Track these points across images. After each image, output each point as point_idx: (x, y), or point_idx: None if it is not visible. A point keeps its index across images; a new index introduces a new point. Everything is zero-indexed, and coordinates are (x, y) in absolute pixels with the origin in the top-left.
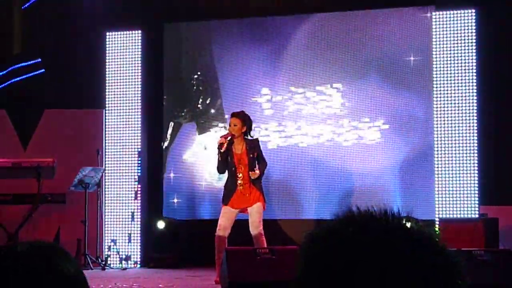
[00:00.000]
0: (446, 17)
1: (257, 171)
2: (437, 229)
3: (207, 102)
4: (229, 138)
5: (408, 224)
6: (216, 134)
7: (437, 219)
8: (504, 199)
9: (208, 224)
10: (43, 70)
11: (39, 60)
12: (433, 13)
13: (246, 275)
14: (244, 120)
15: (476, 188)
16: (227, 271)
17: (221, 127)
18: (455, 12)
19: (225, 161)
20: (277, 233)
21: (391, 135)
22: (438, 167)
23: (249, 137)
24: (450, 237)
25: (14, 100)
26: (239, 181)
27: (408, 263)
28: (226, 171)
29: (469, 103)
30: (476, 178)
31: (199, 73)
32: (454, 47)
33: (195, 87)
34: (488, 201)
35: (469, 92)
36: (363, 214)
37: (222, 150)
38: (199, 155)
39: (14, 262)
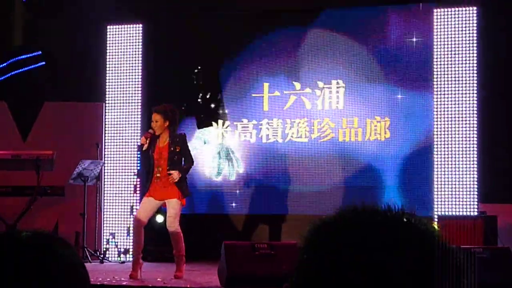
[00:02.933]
0: (448, 14)
1: (176, 175)
2: (436, 226)
3: (207, 96)
4: (150, 137)
5: (414, 221)
6: (215, 128)
7: (435, 216)
8: (503, 197)
9: (206, 219)
10: (43, 63)
11: (40, 52)
12: (435, 10)
13: (244, 270)
14: (165, 114)
15: (475, 186)
16: (225, 266)
17: (220, 121)
18: (456, 9)
19: (147, 156)
20: (272, 228)
21: (391, 132)
22: (437, 164)
23: (175, 131)
24: (449, 234)
25: (15, 92)
26: (157, 174)
27: (413, 258)
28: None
29: (469, 101)
30: (475, 176)
31: (199, 67)
32: (455, 44)
33: (195, 81)
34: (487, 198)
35: (469, 90)
36: (367, 209)
37: (143, 149)
38: (199, 149)
39: (19, 247)
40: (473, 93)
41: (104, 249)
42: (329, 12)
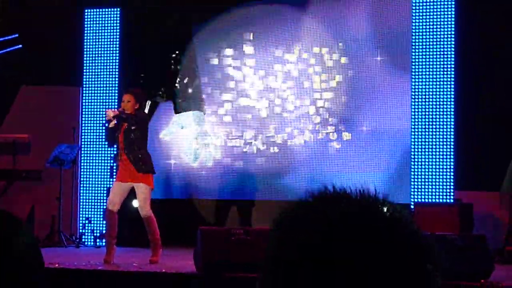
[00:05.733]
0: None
1: (110, 112)
2: (411, 212)
3: (185, 81)
4: (117, 114)
5: (384, 206)
6: (193, 113)
7: (412, 203)
8: (478, 184)
9: (183, 204)
10: (20, 46)
11: (17, 35)
12: None
13: (220, 255)
14: (137, 97)
15: (452, 173)
16: (201, 251)
17: (198, 106)
18: None
19: (113, 135)
20: (247, 213)
21: (368, 119)
22: (414, 152)
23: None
24: (425, 222)
25: None
26: (122, 157)
27: (378, 242)
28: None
29: (446, 88)
30: (452, 163)
31: (177, 52)
32: (433, 29)
33: (173, 66)
34: (463, 186)
35: (446, 77)
36: (337, 192)
37: (110, 126)
38: (176, 134)
39: None
40: (450, 81)
41: (80, 233)
42: None
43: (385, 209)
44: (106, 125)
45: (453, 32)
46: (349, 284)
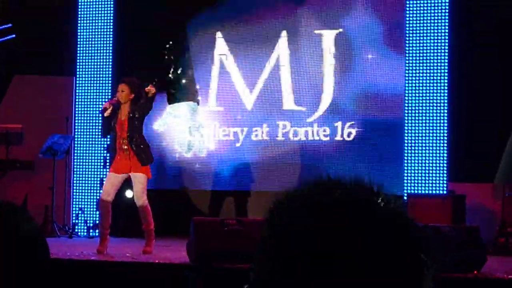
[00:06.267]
0: None
1: (151, 88)
2: (404, 204)
3: (178, 71)
4: (114, 104)
5: (378, 197)
6: (186, 104)
7: (405, 195)
8: (472, 176)
9: (176, 195)
10: (13, 35)
11: (10, 25)
12: None
13: (214, 245)
14: (133, 86)
15: (445, 165)
16: (194, 242)
17: (191, 97)
18: None
19: (108, 126)
20: (240, 204)
21: (361, 110)
22: (408, 143)
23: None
24: (418, 213)
25: None
26: (124, 146)
27: (375, 234)
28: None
29: (440, 80)
30: (445, 155)
31: (171, 42)
32: (427, 22)
33: (166, 56)
34: (456, 177)
35: (440, 69)
36: (332, 181)
37: (105, 115)
38: (169, 125)
39: None
40: (444, 73)
41: (73, 224)
42: None
43: (379, 200)
44: (102, 116)
45: (447, 24)
46: (347, 275)
